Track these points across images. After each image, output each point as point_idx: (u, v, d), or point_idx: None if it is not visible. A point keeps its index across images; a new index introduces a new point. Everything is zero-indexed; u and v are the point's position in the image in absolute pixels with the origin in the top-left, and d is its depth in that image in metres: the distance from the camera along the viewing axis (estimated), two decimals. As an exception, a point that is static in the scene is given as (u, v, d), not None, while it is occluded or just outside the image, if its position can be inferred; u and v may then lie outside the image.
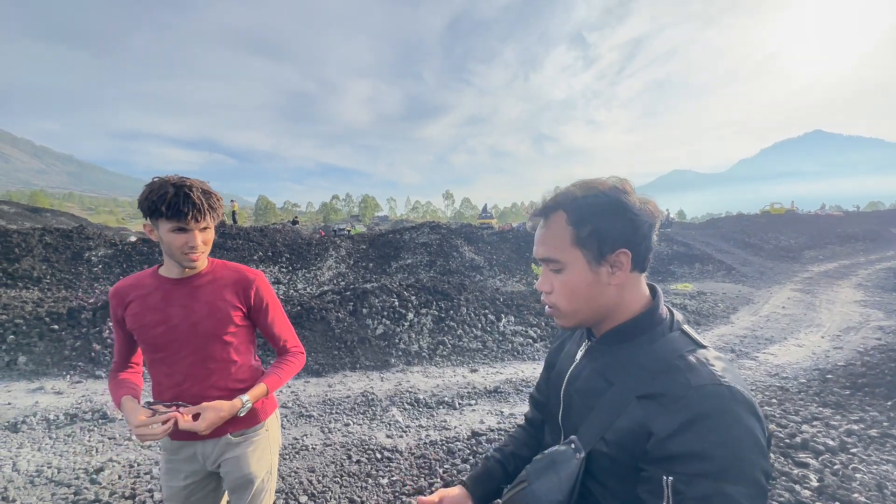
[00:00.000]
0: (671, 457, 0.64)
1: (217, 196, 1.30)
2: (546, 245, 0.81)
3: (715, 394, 0.65)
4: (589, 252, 0.77)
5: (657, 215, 0.78)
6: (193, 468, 1.41)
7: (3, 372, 4.84)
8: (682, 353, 0.72)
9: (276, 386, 1.44)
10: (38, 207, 32.82)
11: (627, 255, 0.76)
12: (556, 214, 0.81)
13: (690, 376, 0.68)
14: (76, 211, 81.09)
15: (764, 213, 31.46)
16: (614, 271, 0.77)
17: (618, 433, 0.72)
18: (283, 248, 14.40)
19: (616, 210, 0.75)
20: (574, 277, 0.79)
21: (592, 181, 0.79)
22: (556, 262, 0.80)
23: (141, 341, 1.34)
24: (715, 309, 8.90)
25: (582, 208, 0.77)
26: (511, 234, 19.24)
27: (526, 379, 5.09)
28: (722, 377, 0.67)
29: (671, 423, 0.65)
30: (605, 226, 0.76)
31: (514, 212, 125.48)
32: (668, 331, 0.77)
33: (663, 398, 0.68)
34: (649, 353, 0.75)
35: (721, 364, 0.70)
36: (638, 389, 0.72)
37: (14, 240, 11.19)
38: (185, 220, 1.22)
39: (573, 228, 0.78)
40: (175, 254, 1.27)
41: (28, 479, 2.93)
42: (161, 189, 1.20)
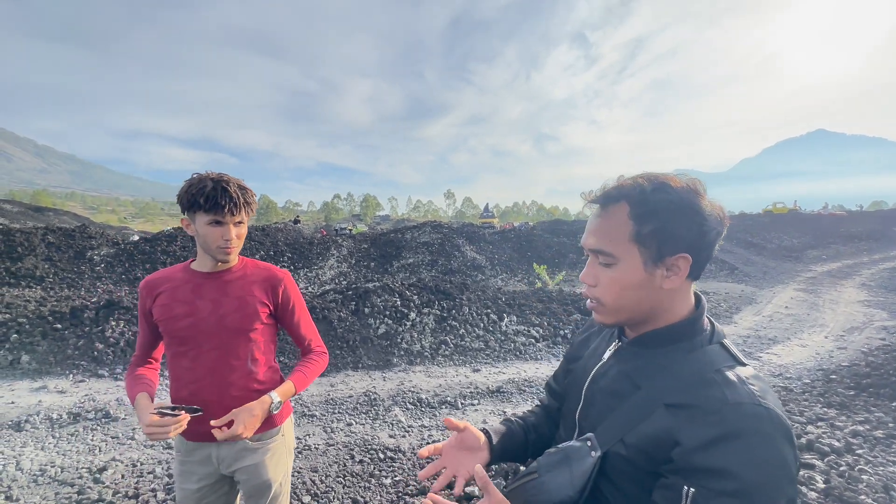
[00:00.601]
0: (697, 469, 0.62)
1: (251, 192, 1.34)
2: (599, 236, 0.76)
3: (753, 414, 0.63)
4: (647, 251, 0.72)
5: (725, 222, 0.73)
6: (207, 471, 1.40)
7: (6, 371, 4.85)
8: (720, 368, 0.70)
9: (303, 385, 1.44)
10: (40, 207, 32.92)
11: (688, 260, 0.71)
12: (617, 205, 0.74)
13: (728, 392, 0.66)
14: (78, 210, 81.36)
15: (766, 213, 31.35)
16: (669, 275, 0.73)
17: (640, 437, 0.70)
18: (285, 248, 14.41)
19: (685, 212, 0.70)
20: (626, 275, 0.74)
21: (663, 176, 0.74)
22: (607, 256, 0.75)
23: (166, 333, 1.34)
24: (718, 309, 8.87)
25: (648, 204, 0.72)
26: (513, 234, 19.23)
27: (528, 379, 5.08)
28: (762, 397, 0.65)
29: (702, 436, 0.63)
30: (670, 226, 0.70)
31: (515, 211, 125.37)
32: (706, 342, 0.74)
33: (695, 410, 0.66)
34: (684, 362, 0.73)
35: (760, 384, 0.68)
36: (667, 397, 0.70)
37: (17, 239, 11.21)
38: (222, 212, 1.25)
39: (635, 224, 0.72)
40: (210, 246, 1.29)
41: (32, 479, 2.94)
42: (200, 183, 1.25)
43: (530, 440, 1.02)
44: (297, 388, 1.42)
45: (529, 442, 1.02)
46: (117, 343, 5.43)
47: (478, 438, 0.94)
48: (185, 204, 1.27)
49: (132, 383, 1.38)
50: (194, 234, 1.30)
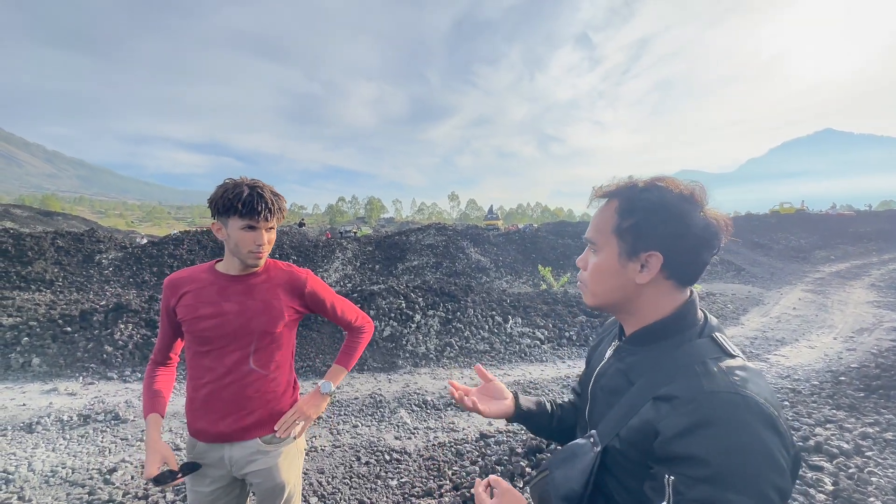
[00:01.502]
0: (674, 457, 0.64)
1: (283, 199, 1.37)
2: (592, 226, 0.85)
3: (726, 401, 0.64)
4: (623, 244, 0.78)
5: (718, 233, 0.75)
6: (220, 473, 1.41)
7: (17, 373, 4.92)
8: (705, 360, 0.72)
9: (352, 363, 1.59)
10: (49, 211, 33.32)
11: (659, 258, 0.75)
12: (611, 200, 0.82)
13: (705, 381, 0.67)
14: (87, 214, 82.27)
15: (773, 213, 31.08)
16: (642, 271, 0.77)
17: (630, 431, 0.73)
18: (291, 251, 14.48)
19: (664, 212, 0.74)
20: (603, 262, 0.82)
21: (665, 179, 0.78)
22: (594, 244, 0.84)
23: (189, 333, 1.36)
24: (724, 310, 8.81)
25: (633, 201, 0.78)
26: (517, 236, 19.20)
27: (534, 381, 5.07)
28: (740, 386, 0.65)
29: (677, 425, 0.65)
30: (646, 224, 0.76)
31: (519, 213, 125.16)
32: (695, 336, 0.77)
33: (675, 400, 0.68)
34: (672, 356, 0.75)
35: (744, 374, 0.69)
36: (655, 391, 0.72)
37: (27, 243, 11.36)
38: (257, 218, 1.28)
39: (618, 217, 0.79)
40: (242, 251, 1.32)
41: (43, 479, 2.98)
42: (237, 189, 1.28)
43: (555, 416, 1.08)
44: (347, 369, 1.58)
45: (555, 417, 1.08)
46: (126, 346, 5.49)
47: (503, 392, 1.06)
48: (219, 208, 1.29)
49: (148, 396, 1.41)
50: (225, 238, 1.32)
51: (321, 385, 1.51)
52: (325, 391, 1.51)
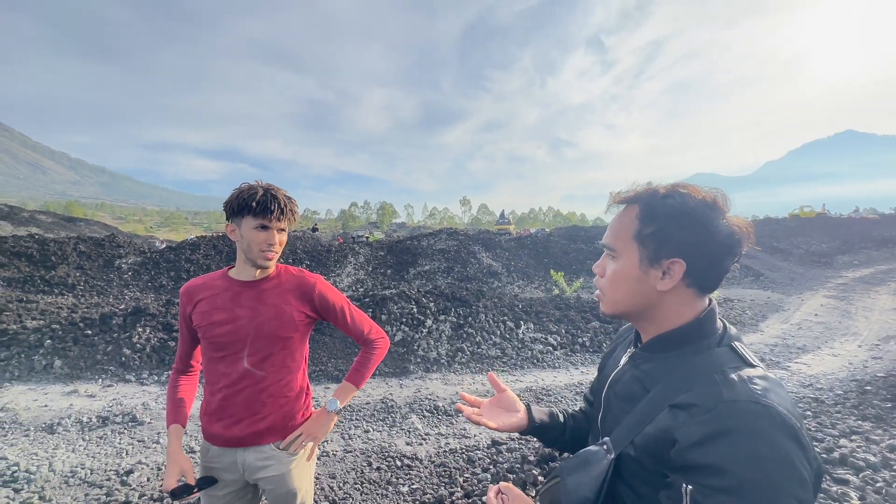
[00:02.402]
0: (692, 466, 0.63)
1: (295, 202, 1.40)
2: (611, 232, 0.84)
3: (747, 410, 0.62)
4: (645, 250, 0.77)
5: (741, 239, 0.75)
6: (233, 477, 1.42)
7: (40, 375, 5.06)
8: (724, 369, 0.70)
9: (363, 381, 1.56)
10: (72, 217, 34.36)
11: (682, 266, 0.74)
12: (631, 206, 0.81)
13: (724, 390, 0.66)
14: (108, 220, 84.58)
15: (793, 217, 30.32)
16: (664, 278, 0.76)
17: (645, 438, 0.72)
18: (304, 255, 14.66)
19: (688, 219, 0.73)
20: (623, 269, 0.80)
21: (684, 186, 0.78)
22: (612, 250, 0.83)
23: (204, 339, 1.39)
24: (742, 316, 8.61)
25: (654, 207, 0.77)
26: (529, 240, 19.11)
27: (547, 387, 5.02)
28: (760, 395, 0.64)
29: (695, 434, 0.64)
30: (669, 230, 0.74)
31: (531, 217, 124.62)
32: (714, 345, 0.75)
33: (694, 409, 0.67)
34: (690, 364, 0.74)
35: (764, 383, 0.67)
36: (671, 398, 0.71)
37: (51, 248, 11.72)
38: (269, 217, 1.31)
39: (639, 223, 0.78)
40: (254, 250, 1.34)
41: (63, 480, 3.04)
42: (251, 190, 1.32)
43: (569, 427, 1.06)
44: (357, 386, 1.55)
45: (567, 428, 1.06)
46: (143, 349, 5.60)
47: (515, 403, 1.03)
48: (234, 209, 1.32)
49: (171, 406, 1.44)
50: (238, 239, 1.35)
51: (328, 403, 1.50)
52: (332, 409, 1.49)
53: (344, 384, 1.54)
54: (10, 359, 5.24)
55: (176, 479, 1.32)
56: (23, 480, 2.99)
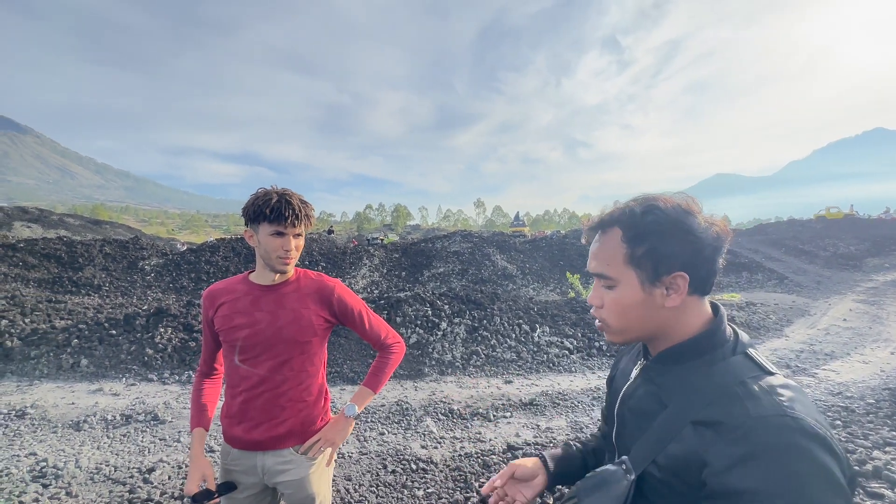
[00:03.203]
0: (731, 492, 0.60)
1: (311, 206, 1.41)
2: (599, 260, 0.80)
3: (778, 425, 0.60)
4: (643, 272, 0.75)
5: (724, 237, 0.74)
6: (252, 480, 1.43)
7: (67, 373, 5.22)
8: (744, 380, 0.68)
9: (380, 386, 1.55)
10: (98, 220, 35.54)
11: (685, 278, 0.73)
12: (611, 230, 0.79)
13: (750, 405, 0.64)
14: (131, 223, 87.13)
15: (819, 218, 29.37)
16: (669, 293, 0.74)
17: (670, 459, 0.69)
18: (320, 258, 14.83)
19: (676, 231, 0.72)
20: (625, 296, 0.77)
21: (655, 197, 0.77)
22: (607, 279, 0.79)
23: (226, 343, 1.41)
24: (766, 321, 8.35)
25: (638, 226, 0.75)
26: (544, 242, 18.95)
27: (563, 392, 4.95)
28: (788, 407, 0.62)
29: (729, 456, 0.61)
30: (662, 247, 0.73)
31: (546, 219, 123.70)
32: (729, 354, 0.73)
33: (720, 427, 0.64)
34: (706, 376, 0.72)
35: (789, 393, 0.65)
36: (693, 414, 0.69)
37: (78, 250, 12.13)
38: (285, 223, 1.32)
39: (628, 246, 0.76)
40: (271, 257, 1.35)
41: (89, 476, 3.13)
42: (266, 196, 1.33)
43: (589, 464, 1.02)
44: (374, 391, 1.54)
45: (588, 465, 1.01)
46: (165, 349, 5.74)
47: (529, 468, 0.96)
48: (250, 215, 1.33)
49: (195, 410, 1.47)
50: (256, 245, 1.37)
51: (346, 408, 1.50)
52: (350, 414, 1.49)
53: (361, 389, 1.54)
54: (40, 357, 5.43)
55: (197, 484, 1.34)
56: (51, 476, 3.09)
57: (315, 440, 1.44)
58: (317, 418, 1.48)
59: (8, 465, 3.21)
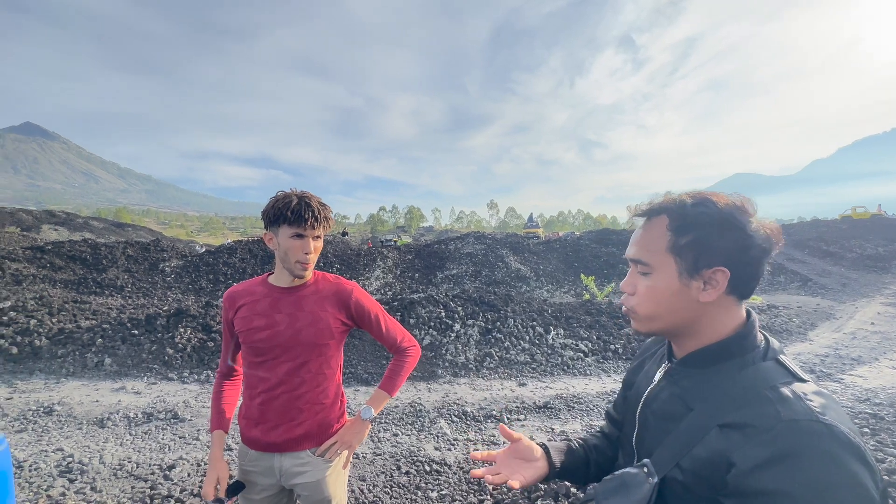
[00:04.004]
0: (752, 492, 0.59)
1: (329, 209, 1.42)
2: (639, 246, 0.79)
3: (809, 430, 0.59)
4: (683, 262, 0.73)
5: (776, 242, 0.72)
6: (270, 482, 1.45)
7: (92, 372, 5.38)
8: (775, 385, 0.67)
9: (396, 389, 1.56)
10: (121, 223, 36.59)
11: (725, 274, 0.71)
12: (658, 218, 0.78)
13: (781, 408, 0.62)
14: (153, 225, 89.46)
15: (845, 218, 28.43)
16: (706, 288, 0.73)
17: (695, 461, 0.68)
18: (334, 259, 14.99)
19: (725, 225, 0.71)
20: (660, 283, 0.76)
21: (709, 193, 0.75)
22: (644, 265, 0.78)
23: (245, 344, 1.43)
24: (789, 324, 8.12)
25: (687, 216, 0.74)
26: (558, 244, 18.79)
27: (577, 395, 4.89)
28: (820, 413, 0.60)
29: (756, 456, 0.60)
30: (707, 239, 0.72)
31: (560, 220, 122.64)
32: (760, 359, 0.72)
33: (748, 429, 0.63)
34: (736, 380, 0.70)
35: (821, 400, 0.63)
36: (720, 418, 0.68)
37: (102, 252, 12.51)
38: (304, 226, 1.33)
39: (672, 234, 0.75)
40: (290, 259, 1.37)
41: (112, 472, 3.22)
42: (286, 199, 1.34)
43: (591, 460, 1.01)
44: (391, 394, 1.55)
45: (591, 462, 1.00)
46: (185, 349, 5.87)
47: (533, 451, 0.95)
48: (270, 218, 1.35)
49: (215, 411, 1.50)
50: (276, 247, 1.38)
51: (362, 411, 1.50)
52: (366, 417, 1.50)
53: (377, 392, 1.55)
54: (66, 356, 5.61)
55: (213, 487, 1.37)
56: (76, 471, 3.18)
57: (332, 443, 1.45)
58: (334, 421, 1.49)
59: (37, 459, 3.32)
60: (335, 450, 1.45)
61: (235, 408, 1.55)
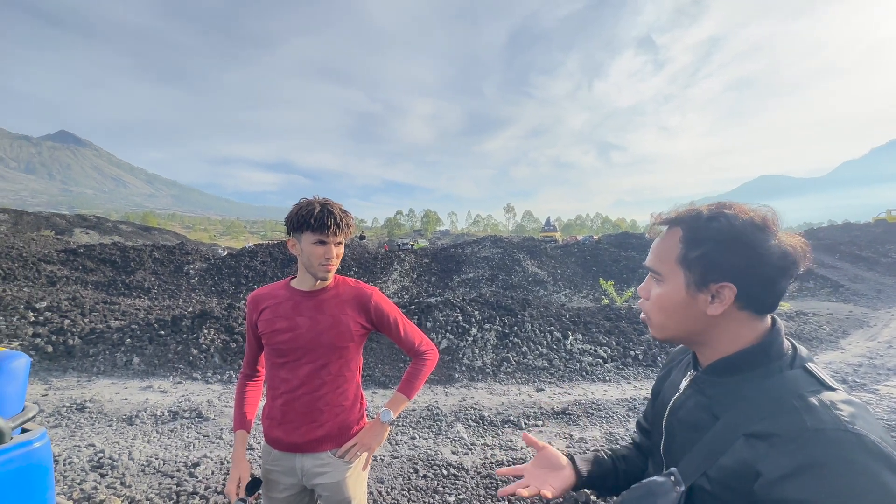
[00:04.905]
0: (781, 502, 0.58)
1: (351, 216, 1.46)
2: (655, 255, 0.82)
3: (837, 440, 0.58)
4: (691, 275, 0.75)
5: (798, 261, 0.71)
6: (292, 481, 1.49)
7: (121, 371, 5.58)
8: (801, 393, 0.66)
9: (415, 392, 1.58)
10: (148, 227, 37.87)
11: (732, 290, 0.71)
12: (674, 228, 0.79)
13: (808, 417, 0.61)
14: (177, 229, 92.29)
15: (879, 222, 27.22)
16: (714, 302, 0.73)
17: (722, 471, 0.68)
18: (352, 262, 15.17)
19: (736, 242, 0.71)
20: (668, 294, 0.78)
21: (730, 205, 0.75)
22: (657, 274, 0.81)
23: (268, 346, 1.48)
24: (819, 332, 7.82)
25: (699, 230, 0.74)
26: (576, 248, 18.58)
27: (596, 402, 4.82)
28: (848, 423, 0.59)
29: (782, 466, 0.60)
30: (715, 254, 0.72)
31: (578, 224, 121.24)
32: (787, 367, 0.71)
33: (775, 438, 0.62)
34: (762, 389, 0.70)
35: (850, 409, 0.62)
36: (746, 427, 0.67)
37: (130, 255, 12.97)
38: (327, 233, 1.37)
39: (683, 247, 0.76)
40: (313, 264, 1.40)
41: (140, 468, 3.33)
42: (309, 206, 1.38)
43: (620, 470, 1.00)
44: (409, 397, 1.57)
45: (619, 472, 1.00)
46: (208, 349, 6.03)
47: (559, 459, 0.96)
48: (294, 225, 1.39)
49: (238, 412, 1.54)
50: (299, 253, 1.43)
51: (381, 414, 1.52)
52: (386, 420, 1.52)
53: (396, 395, 1.56)
54: (98, 355, 5.84)
55: (236, 485, 1.42)
56: (107, 466, 3.30)
57: (352, 444, 1.48)
58: (353, 423, 1.52)
59: (70, 454, 3.47)
60: (355, 451, 1.47)
61: (257, 408, 1.59)
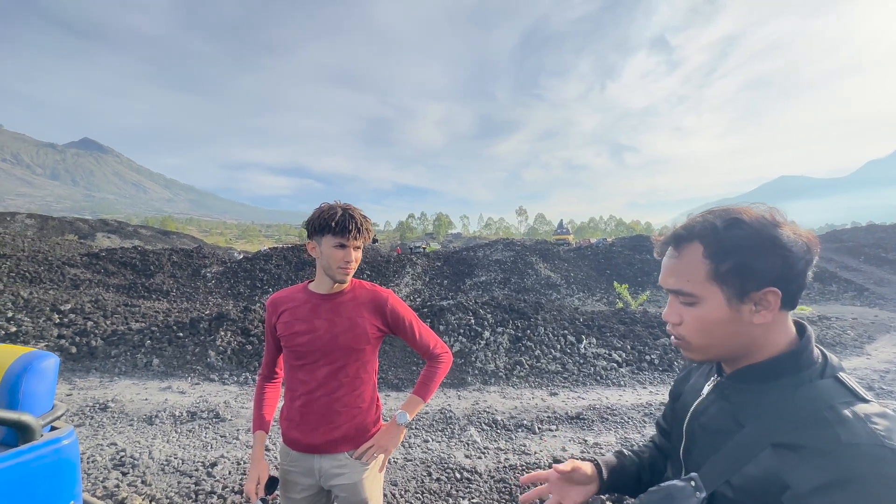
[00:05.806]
0: None
1: (370, 221, 1.49)
2: (677, 277, 0.76)
3: (873, 456, 0.56)
4: (729, 289, 0.71)
5: (814, 249, 0.70)
6: (309, 482, 1.51)
7: (141, 371, 5.72)
8: (834, 405, 0.64)
9: (430, 395, 1.59)
10: (167, 231, 38.76)
11: (777, 294, 0.69)
12: (690, 245, 0.75)
13: (842, 431, 0.60)
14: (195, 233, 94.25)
15: (904, 223, 26.38)
16: (759, 310, 0.71)
17: (746, 479, 0.67)
18: (364, 266, 15.28)
19: (765, 245, 0.69)
20: (710, 313, 0.73)
21: (735, 209, 0.73)
22: (688, 296, 0.75)
23: (286, 348, 1.50)
24: (843, 337, 7.60)
25: (723, 241, 0.71)
26: (589, 251, 18.41)
27: (611, 406, 4.76)
28: (885, 437, 0.57)
29: (815, 480, 0.58)
30: (751, 262, 0.69)
31: (591, 227, 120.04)
32: (817, 377, 0.69)
33: (804, 451, 0.61)
34: (792, 398, 0.68)
35: (886, 423, 0.60)
36: (774, 437, 0.66)
37: (150, 259, 13.29)
38: (348, 237, 1.39)
39: (711, 262, 0.72)
40: (332, 267, 1.42)
41: (160, 467, 3.40)
42: (331, 210, 1.41)
43: (644, 477, 0.99)
44: (424, 399, 1.58)
45: (643, 477, 0.99)
46: (225, 351, 6.13)
47: (586, 473, 0.94)
48: (315, 228, 1.41)
49: (257, 413, 1.58)
50: (318, 256, 1.45)
51: (397, 416, 1.53)
52: (402, 422, 1.53)
53: (412, 397, 1.58)
54: (119, 356, 5.99)
55: (255, 485, 1.46)
56: (128, 465, 3.39)
57: (368, 446, 1.49)
58: (370, 425, 1.54)
59: (93, 453, 3.56)
60: (372, 453, 1.49)
61: (276, 409, 1.62)
